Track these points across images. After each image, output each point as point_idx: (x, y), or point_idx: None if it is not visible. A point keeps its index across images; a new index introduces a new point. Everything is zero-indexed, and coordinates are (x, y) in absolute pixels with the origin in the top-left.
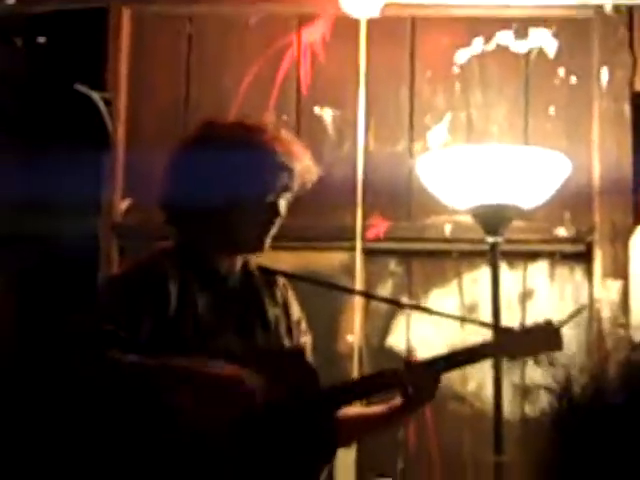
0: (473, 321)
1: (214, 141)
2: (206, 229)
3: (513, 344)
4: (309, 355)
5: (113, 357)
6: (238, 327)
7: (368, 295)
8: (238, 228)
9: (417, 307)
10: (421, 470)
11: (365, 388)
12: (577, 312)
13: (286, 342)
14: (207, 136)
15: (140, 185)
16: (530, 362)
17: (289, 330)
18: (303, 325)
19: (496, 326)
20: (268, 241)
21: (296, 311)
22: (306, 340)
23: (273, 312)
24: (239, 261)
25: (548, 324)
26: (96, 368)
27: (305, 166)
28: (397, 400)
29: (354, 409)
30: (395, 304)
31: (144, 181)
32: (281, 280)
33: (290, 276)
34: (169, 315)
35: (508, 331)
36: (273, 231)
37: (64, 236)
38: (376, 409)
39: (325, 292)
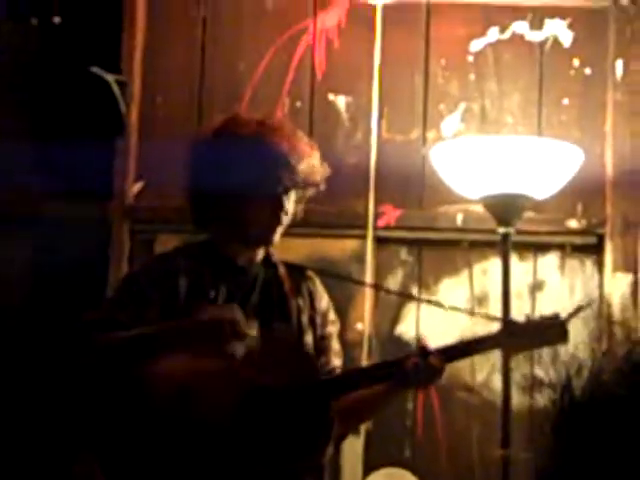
0: (481, 314)
1: (231, 137)
2: (220, 221)
3: (519, 336)
4: (334, 344)
5: (107, 336)
6: (256, 316)
7: (378, 287)
8: (247, 221)
9: (426, 301)
10: (428, 459)
11: (363, 379)
12: (583, 307)
13: (308, 333)
14: (225, 132)
15: (152, 169)
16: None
17: (312, 320)
18: (331, 315)
19: (503, 318)
20: (276, 235)
21: (324, 303)
22: (333, 330)
23: (295, 302)
24: (259, 253)
25: (554, 318)
26: (94, 347)
27: (311, 166)
28: (394, 384)
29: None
30: (405, 296)
31: (156, 165)
32: (308, 272)
33: (322, 272)
34: (178, 305)
35: (515, 323)
36: (281, 226)
37: (76, 219)
38: (374, 391)
39: (336, 281)
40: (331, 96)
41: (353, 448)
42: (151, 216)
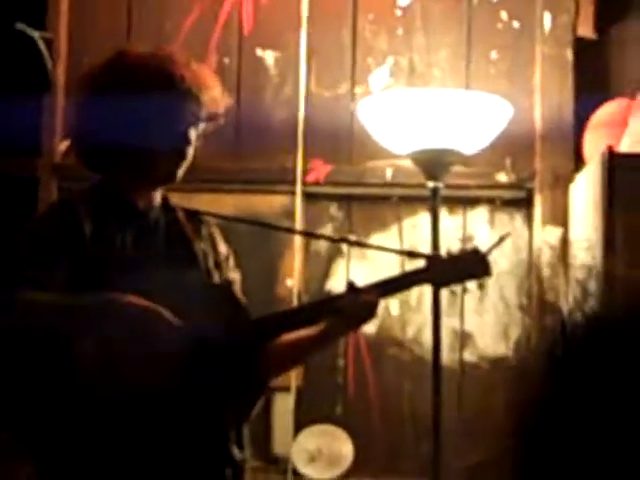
0: (406, 253)
1: (124, 71)
2: (119, 164)
3: (444, 270)
4: (239, 291)
5: (25, 296)
6: (164, 260)
7: (306, 233)
8: (150, 160)
9: (356, 243)
10: (360, 416)
11: (297, 318)
12: (502, 239)
13: (215, 276)
14: (118, 66)
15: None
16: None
17: (217, 265)
18: (232, 261)
19: (426, 255)
20: (181, 172)
21: (224, 247)
22: (235, 276)
23: (199, 246)
24: (157, 196)
25: (476, 251)
26: (7, 308)
27: (213, 96)
28: (329, 321)
29: (288, 335)
30: (334, 241)
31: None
32: (204, 217)
33: (217, 216)
34: (86, 253)
35: (438, 257)
36: (186, 161)
37: (3, 176)
38: (309, 331)
39: (264, 236)
40: (259, 51)
41: (284, 405)
42: (79, 173)
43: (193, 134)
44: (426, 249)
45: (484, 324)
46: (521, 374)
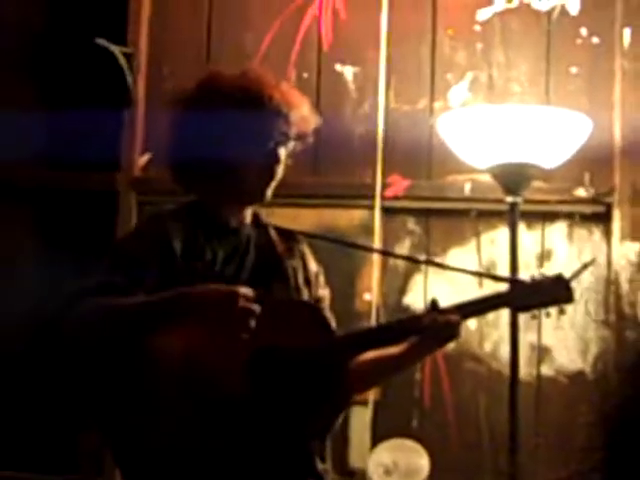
0: (487, 275)
1: (215, 92)
2: (210, 182)
3: (525, 295)
4: (328, 308)
5: (108, 300)
6: (253, 277)
7: (385, 252)
8: (240, 178)
9: (433, 263)
10: (436, 430)
11: (380, 336)
12: (587, 265)
13: (305, 293)
14: (209, 87)
15: (159, 140)
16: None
17: (307, 282)
18: (321, 279)
19: (509, 278)
20: (270, 190)
21: (314, 265)
22: (325, 293)
23: (290, 263)
24: (248, 213)
25: (559, 277)
26: (90, 309)
27: (302, 115)
28: (412, 340)
29: (371, 353)
30: (412, 261)
31: (163, 136)
32: (296, 235)
33: (306, 235)
34: (175, 269)
35: (521, 282)
36: (275, 180)
37: (84, 190)
38: (392, 350)
39: (343, 251)
40: (338, 67)
41: (361, 419)
42: (158, 187)
43: (282, 152)
44: (504, 264)
45: (562, 339)
46: (600, 389)
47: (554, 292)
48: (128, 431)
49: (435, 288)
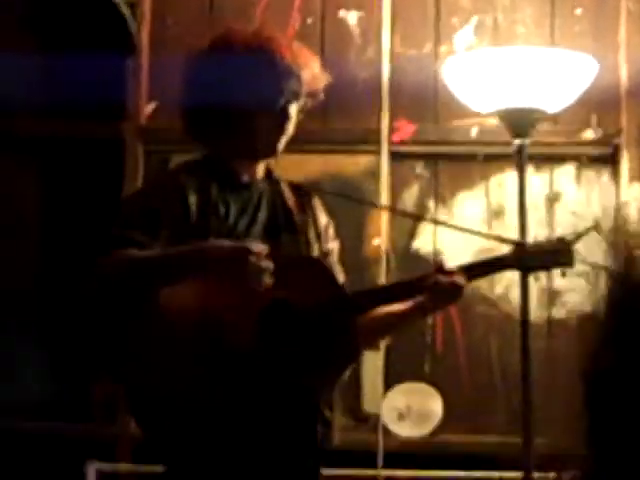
0: (494, 237)
1: (228, 50)
2: (223, 136)
3: (529, 258)
4: (337, 260)
5: (125, 254)
6: (265, 231)
7: (391, 209)
8: (253, 133)
9: (438, 222)
10: (449, 373)
11: (387, 295)
12: (587, 231)
13: (315, 247)
14: (222, 45)
15: (165, 89)
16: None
17: (317, 235)
18: (331, 231)
19: (513, 241)
20: (281, 145)
21: (324, 218)
22: (334, 246)
23: (300, 217)
24: (260, 168)
25: (561, 241)
26: (109, 264)
27: (313, 73)
28: (417, 299)
29: (377, 310)
30: (416, 218)
31: (169, 85)
32: (307, 188)
33: (316, 190)
34: (190, 223)
35: (524, 246)
36: (286, 136)
37: (89, 140)
38: (398, 307)
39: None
40: (342, 12)
41: (373, 364)
42: (165, 136)
43: (293, 109)
44: (513, 207)
45: (572, 281)
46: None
47: (556, 256)
48: (142, 381)
49: (444, 232)
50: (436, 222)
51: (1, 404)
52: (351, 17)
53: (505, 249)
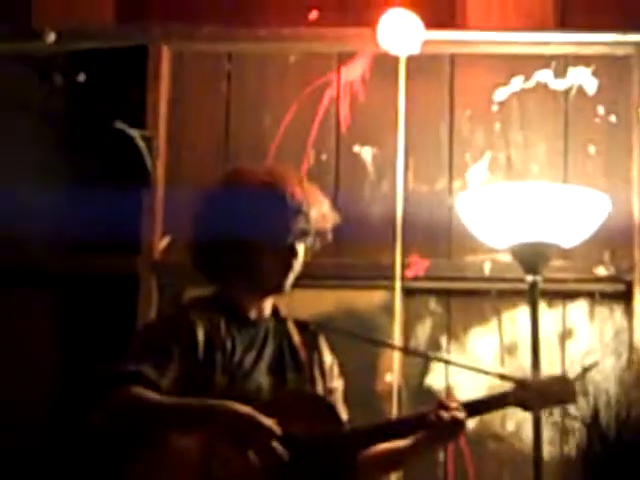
0: (497, 375)
1: (239, 187)
2: (231, 272)
3: (531, 395)
4: (341, 398)
5: (137, 393)
6: (270, 368)
7: (402, 349)
8: (260, 270)
9: (447, 361)
10: None
11: (388, 431)
12: (591, 367)
13: (319, 384)
14: (233, 182)
15: (179, 223)
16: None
17: (322, 374)
18: (336, 370)
19: (515, 378)
20: (289, 283)
21: (329, 357)
22: (338, 384)
23: (306, 355)
24: (268, 305)
25: (563, 377)
26: (120, 402)
27: (322, 212)
28: (419, 435)
29: (378, 447)
30: (427, 357)
31: (183, 219)
32: (312, 327)
33: (324, 327)
34: (198, 358)
35: (526, 383)
36: (293, 274)
37: (103, 274)
38: (401, 443)
39: (364, 332)
40: (356, 148)
41: None
42: (179, 270)
43: (300, 247)
44: (526, 343)
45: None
46: None
47: (558, 393)
48: None
49: (456, 369)
50: (439, 360)
51: None
52: (365, 153)
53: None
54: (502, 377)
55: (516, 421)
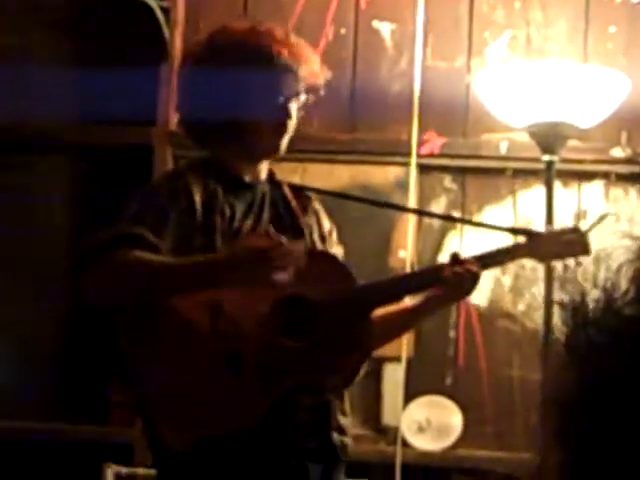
0: (507, 229)
1: (224, 50)
2: (223, 138)
3: (544, 246)
4: None
5: (141, 256)
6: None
7: (419, 212)
8: (253, 133)
9: (468, 222)
10: (470, 388)
11: (403, 286)
12: (602, 218)
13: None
14: (217, 45)
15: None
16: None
17: (322, 239)
18: (335, 236)
19: (527, 231)
20: (284, 145)
21: (327, 222)
22: (338, 251)
23: (305, 220)
24: (263, 170)
25: (575, 229)
26: (123, 264)
27: (311, 70)
28: (432, 291)
29: (389, 307)
30: (448, 219)
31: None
32: (309, 193)
33: (317, 191)
34: (196, 222)
35: (538, 234)
36: (287, 134)
37: (119, 145)
38: (412, 301)
39: (378, 208)
40: (375, 23)
41: (394, 376)
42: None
43: (293, 107)
44: (540, 223)
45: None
46: None
47: (571, 245)
48: (149, 381)
49: (470, 246)
50: (457, 220)
51: (16, 404)
52: (384, 29)
53: None
54: (515, 231)
55: (527, 301)
